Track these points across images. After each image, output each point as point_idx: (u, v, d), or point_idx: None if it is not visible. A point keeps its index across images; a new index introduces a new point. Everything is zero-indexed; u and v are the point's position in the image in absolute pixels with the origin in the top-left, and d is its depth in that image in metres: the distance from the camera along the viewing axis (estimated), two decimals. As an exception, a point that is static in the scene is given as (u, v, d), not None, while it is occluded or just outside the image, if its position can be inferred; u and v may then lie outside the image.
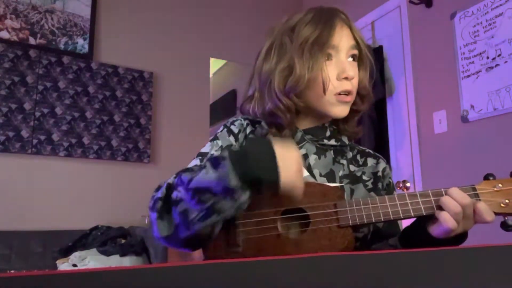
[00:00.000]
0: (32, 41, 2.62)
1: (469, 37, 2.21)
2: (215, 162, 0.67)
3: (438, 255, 0.42)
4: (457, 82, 2.24)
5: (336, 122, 0.91)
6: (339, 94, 0.81)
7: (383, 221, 0.71)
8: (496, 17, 2.08)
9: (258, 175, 0.65)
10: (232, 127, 0.88)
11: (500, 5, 2.07)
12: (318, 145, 0.87)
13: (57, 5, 2.73)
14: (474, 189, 0.70)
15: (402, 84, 2.58)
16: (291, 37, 0.84)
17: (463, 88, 2.21)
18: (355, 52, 0.84)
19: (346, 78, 0.81)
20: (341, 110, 0.83)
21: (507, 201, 0.68)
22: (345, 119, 0.90)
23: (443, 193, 0.70)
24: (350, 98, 0.83)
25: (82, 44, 2.75)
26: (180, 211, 0.68)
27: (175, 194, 0.69)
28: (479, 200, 0.69)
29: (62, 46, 2.70)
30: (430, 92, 2.41)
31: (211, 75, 3.31)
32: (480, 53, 2.14)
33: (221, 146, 0.85)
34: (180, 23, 3.15)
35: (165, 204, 0.70)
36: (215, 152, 0.84)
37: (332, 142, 0.87)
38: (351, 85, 0.82)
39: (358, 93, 0.86)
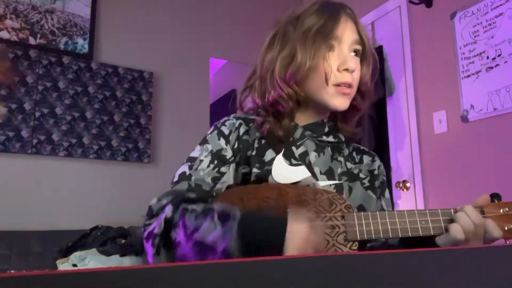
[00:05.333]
0: (32, 41, 2.62)
1: (469, 37, 2.21)
2: (224, 217, 0.65)
3: (438, 255, 0.42)
4: (457, 82, 2.24)
5: (334, 119, 0.90)
6: (339, 85, 0.80)
7: (391, 237, 0.70)
8: (496, 17, 2.08)
9: (262, 248, 0.63)
10: (223, 128, 0.84)
11: (500, 5, 2.07)
12: (317, 142, 0.86)
13: (57, 5, 2.73)
14: (483, 212, 0.72)
15: (402, 84, 2.58)
16: (295, 26, 0.83)
17: (463, 88, 2.21)
18: (358, 47, 0.84)
19: (346, 70, 0.80)
20: (341, 102, 0.81)
21: (511, 226, 0.70)
22: (344, 118, 0.89)
23: (453, 213, 0.72)
24: (350, 91, 0.82)
25: (82, 44, 2.75)
26: (179, 254, 0.67)
27: (174, 236, 0.68)
28: (487, 217, 0.71)
29: (62, 46, 2.70)
30: (430, 92, 2.41)
31: (211, 75, 3.31)
32: (480, 53, 2.14)
33: (211, 150, 0.81)
34: (180, 23, 3.15)
35: (162, 240, 0.69)
36: (204, 159, 0.80)
37: (330, 138, 0.87)
38: (351, 78, 0.81)
39: (358, 90, 0.85)
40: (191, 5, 3.21)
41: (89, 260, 2.13)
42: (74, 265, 2.12)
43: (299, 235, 0.62)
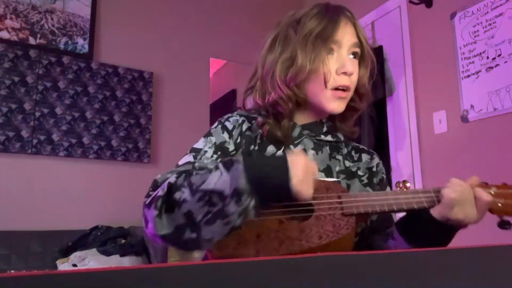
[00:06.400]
0: (32, 41, 2.62)
1: (469, 37, 2.21)
2: (228, 164, 0.67)
3: (439, 255, 0.42)
4: (457, 82, 2.24)
5: (333, 119, 0.92)
6: (336, 89, 0.83)
7: (387, 211, 0.73)
8: (496, 17, 2.08)
9: (270, 178, 0.65)
10: (227, 123, 0.88)
11: (500, 5, 2.07)
12: (315, 141, 0.88)
13: (57, 5, 2.73)
14: None
15: (402, 84, 2.58)
16: (296, 29, 0.86)
17: (463, 88, 2.21)
18: (357, 50, 0.86)
19: (345, 73, 0.83)
20: (337, 106, 0.85)
21: (502, 201, 0.74)
22: (343, 117, 0.92)
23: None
24: (347, 94, 0.85)
25: (82, 44, 2.75)
26: (184, 212, 0.67)
27: (178, 195, 0.68)
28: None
29: (62, 46, 2.70)
30: (430, 92, 2.41)
31: (211, 75, 3.31)
32: (480, 53, 2.14)
33: (215, 142, 0.84)
34: (180, 23, 3.15)
35: (165, 203, 0.69)
36: (208, 149, 0.83)
37: (329, 138, 0.89)
38: (349, 81, 0.84)
39: (356, 91, 0.88)
40: (191, 5, 3.21)
41: (89, 260, 2.13)
42: (74, 265, 2.12)
43: (299, 159, 0.68)
